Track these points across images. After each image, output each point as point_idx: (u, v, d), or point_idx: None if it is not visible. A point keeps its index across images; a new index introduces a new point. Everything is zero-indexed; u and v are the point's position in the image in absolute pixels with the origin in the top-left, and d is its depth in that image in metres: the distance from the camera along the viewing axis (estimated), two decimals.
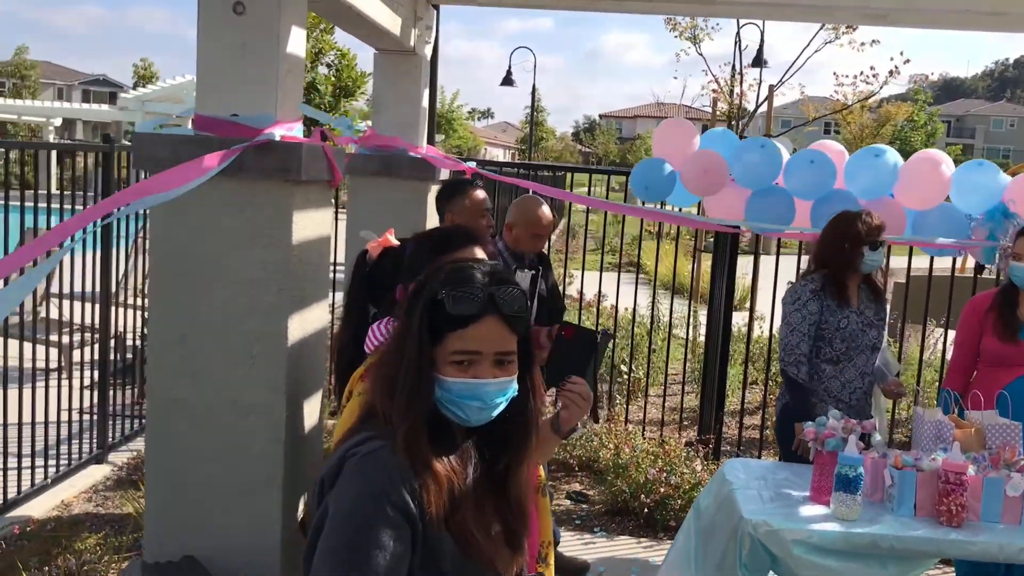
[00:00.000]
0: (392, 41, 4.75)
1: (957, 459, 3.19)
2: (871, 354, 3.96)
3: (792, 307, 3.90)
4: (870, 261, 3.87)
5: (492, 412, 1.66)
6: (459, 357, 1.63)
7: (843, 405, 3.84)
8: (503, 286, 1.66)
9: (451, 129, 41.25)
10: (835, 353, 3.89)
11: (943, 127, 49.58)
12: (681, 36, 11.72)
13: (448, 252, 2.13)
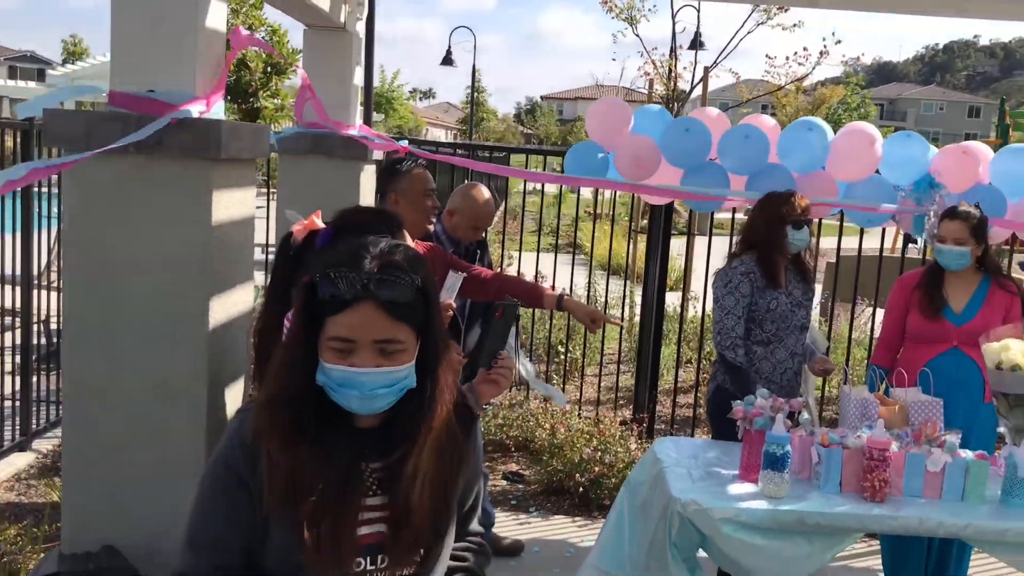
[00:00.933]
0: (321, 17, 4.65)
1: (881, 436, 3.24)
2: (800, 334, 4.01)
3: (724, 290, 3.92)
4: (795, 241, 3.91)
5: (376, 403, 1.60)
6: (335, 344, 1.57)
7: (774, 386, 3.88)
8: (387, 271, 1.58)
9: (392, 109, 40.85)
10: (766, 335, 3.93)
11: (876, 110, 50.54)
12: (618, 17, 11.73)
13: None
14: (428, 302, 1.64)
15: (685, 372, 7.68)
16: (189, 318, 3.01)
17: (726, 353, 3.90)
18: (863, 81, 43.06)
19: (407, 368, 1.61)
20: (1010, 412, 3.37)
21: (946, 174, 4.43)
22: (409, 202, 3.74)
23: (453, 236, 4.17)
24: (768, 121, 4.98)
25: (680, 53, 11.44)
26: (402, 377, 1.61)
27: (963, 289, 3.96)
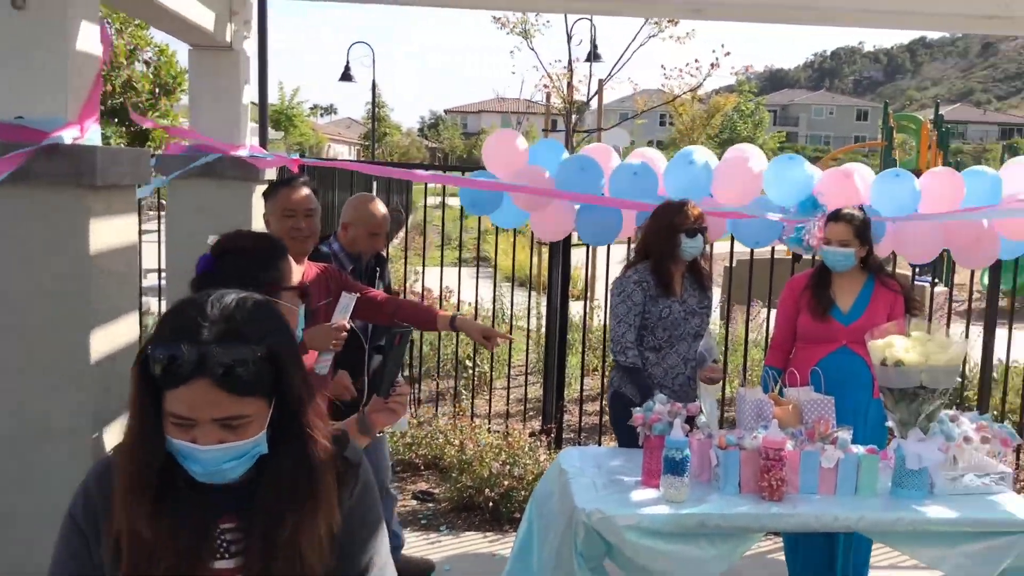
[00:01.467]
0: (206, 37, 4.54)
1: (776, 436, 3.32)
2: (693, 341, 4.08)
3: (618, 299, 3.99)
4: (688, 248, 3.98)
5: (224, 475, 1.51)
6: (174, 420, 1.47)
7: (667, 391, 3.93)
8: (225, 343, 1.44)
9: (292, 126, 40.24)
10: (657, 341, 4.00)
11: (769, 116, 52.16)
12: (512, 32, 11.81)
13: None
14: (279, 364, 1.52)
15: (592, 380, 7.75)
16: (69, 353, 2.88)
17: (619, 358, 3.98)
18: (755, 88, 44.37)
19: (255, 440, 1.51)
20: (896, 406, 3.49)
21: (828, 196, 4.58)
22: (275, 222, 3.66)
23: (351, 251, 4.11)
24: (652, 153, 5.10)
25: (576, 66, 11.61)
26: (250, 448, 1.51)
27: (849, 289, 4.09)
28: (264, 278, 2.01)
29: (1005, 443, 3.55)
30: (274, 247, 2.10)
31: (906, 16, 5.07)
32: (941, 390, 3.45)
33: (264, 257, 2.05)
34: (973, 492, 3.45)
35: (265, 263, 2.04)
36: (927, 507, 3.31)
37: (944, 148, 17.48)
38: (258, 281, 1.99)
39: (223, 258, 2.03)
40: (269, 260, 2.05)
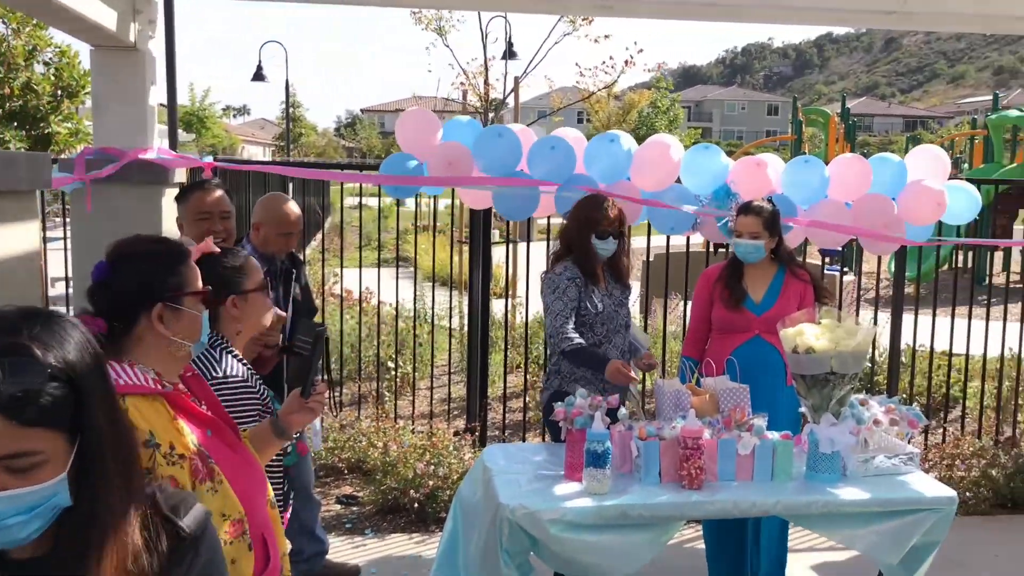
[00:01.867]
0: (108, 37, 4.41)
1: (693, 425, 3.38)
2: (625, 332, 4.11)
3: (552, 296, 3.94)
4: (600, 250, 3.99)
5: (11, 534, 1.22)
6: None
7: (608, 385, 3.94)
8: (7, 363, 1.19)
9: (204, 128, 39.41)
10: (597, 337, 3.97)
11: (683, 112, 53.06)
12: (427, 28, 11.76)
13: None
14: (82, 391, 1.26)
15: (515, 377, 7.77)
16: None
17: (563, 345, 3.88)
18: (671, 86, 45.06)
19: (52, 485, 1.23)
20: (808, 392, 3.58)
21: (741, 184, 4.68)
22: (188, 227, 3.60)
23: (264, 252, 4.04)
24: (574, 133, 5.12)
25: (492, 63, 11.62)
26: (45, 498, 1.23)
27: (761, 280, 4.18)
28: (165, 284, 1.95)
29: (912, 424, 3.68)
30: (173, 251, 2.02)
31: (812, 12, 5.22)
32: (851, 375, 3.55)
33: (164, 262, 1.97)
34: (883, 473, 3.57)
35: (165, 268, 1.97)
36: (840, 489, 3.42)
37: (851, 141, 18.03)
38: (158, 288, 1.94)
39: (119, 264, 1.94)
40: (169, 265, 1.98)
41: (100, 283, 1.93)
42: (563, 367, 4.01)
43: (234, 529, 1.88)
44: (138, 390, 1.85)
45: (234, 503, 1.90)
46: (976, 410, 6.41)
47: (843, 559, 4.73)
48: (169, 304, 1.95)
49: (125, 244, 1.99)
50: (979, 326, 6.52)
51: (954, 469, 5.47)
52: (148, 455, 1.77)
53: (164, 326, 1.93)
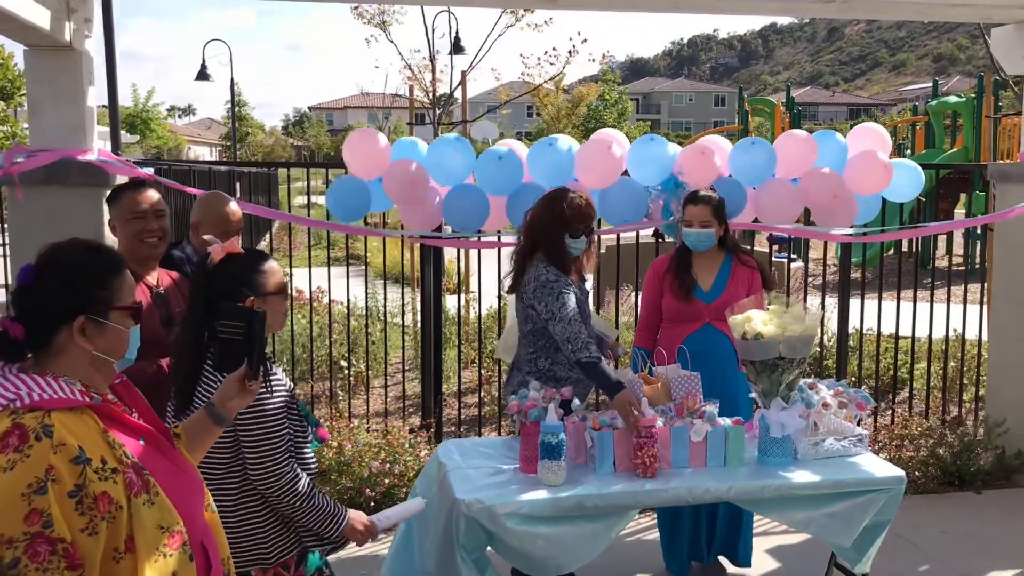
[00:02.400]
0: (42, 36, 4.30)
1: (646, 414, 3.40)
2: (591, 324, 4.09)
3: (557, 303, 3.74)
4: (572, 249, 3.86)
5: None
6: None
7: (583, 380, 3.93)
8: None
9: (148, 129, 38.75)
10: None
11: (632, 105, 53.36)
12: (370, 23, 11.67)
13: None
14: None
15: (470, 373, 7.76)
16: None
17: (582, 355, 3.66)
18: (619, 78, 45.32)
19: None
20: (758, 378, 3.63)
21: (688, 173, 4.71)
22: (121, 227, 3.52)
23: (205, 252, 3.97)
24: (516, 144, 5.14)
25: (438, 58, 11.57)
26: None
27: (709, 268, 4.21)
28: (90, 296, 1.86)
29: (861, 407, 3.74)
30: (106, 261, 1.93)
31: (756, 2, 5.27)
32: (799, 359, 3.60)
33: (93, 272, 1.89)
34: (834, 455, 3.63)
35: (93, 279, 1.88)
36: (792, 473, 3.46)
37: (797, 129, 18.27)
38: (83, 299, 1.86)
39: (47, 270, 1.86)
40: (98, 276, 1.89)
41: (25, 288, 1.85)
42: (540, 365, 3.90)
43: (173, 541, 1.82)
44: (64, 403, 1.77)
45: (172, 514, 1.84)
46: (923, 391, 6.53)
47: (797, 541, 4.79)
48: (92, 317, 1.86)
49: (56, 249, 1.90)
50: (924, 309, 6.66)
51: (903, 449, 5.57)
52: (78, 471, 1.70)
53: (86, 340, 1.85)
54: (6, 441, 1.69)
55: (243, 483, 2.63)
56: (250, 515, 2.65)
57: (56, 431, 1.72)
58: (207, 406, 2.23)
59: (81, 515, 1.69)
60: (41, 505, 1.65)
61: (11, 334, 1.80)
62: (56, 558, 1.66)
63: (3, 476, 1.66)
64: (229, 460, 2.62)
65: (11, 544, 1.63)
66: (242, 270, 2.65)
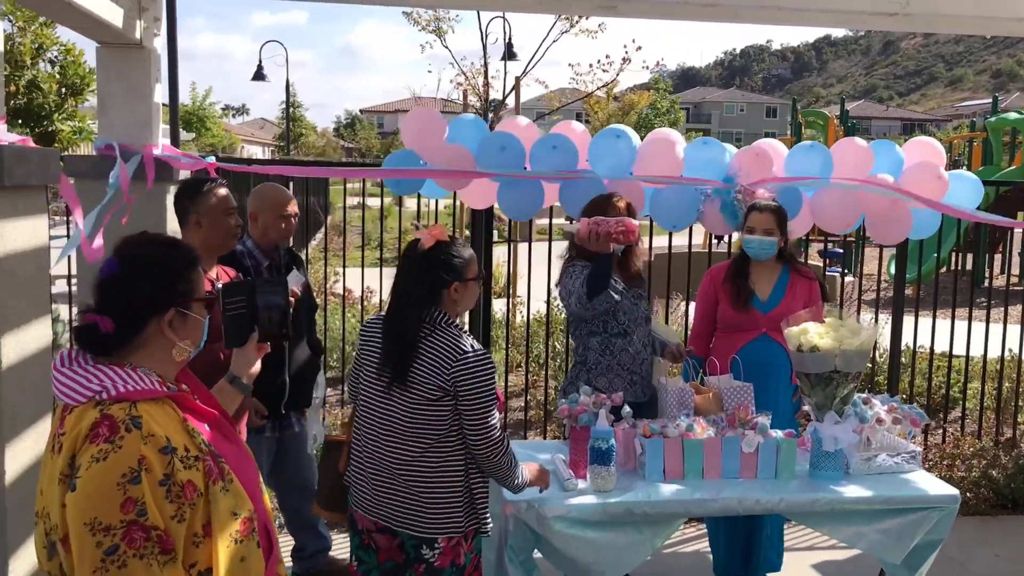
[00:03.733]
0: (114, 34, 4.41)
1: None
2: (646, 325, 4.09)
3: (570, 279, 3.89)
4: (617, 247, 3.91)
5: None
6: None
7: (636, 377, 3.95)
8: None
9: (204, 127, 39.40)
10: (620, 326, 3.93)
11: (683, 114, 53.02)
12: (425, 29, 11.75)
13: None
14: None
15: (516, 376, 7.78)
16: None
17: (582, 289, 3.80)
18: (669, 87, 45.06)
19: None
20: (812, 391, 3.60)
21: (746, 169, 4.67)
22: (212, 222, 3.61)
23: (264, 244, 4.04)
24: (577, 128, 5.11)
25: (491, 63, 11.62)
26: None
27: (767, 278, 4.19)
28: (177, 290, 1.94)
29: (915, 423, 3.70)
30: (185, 256, 2.01)
31: (814, 13, 5.22)
32: (854, 374, 3.57)
33: (177, 267, 1.96)
34: (886, 471, 3.59)
35: (178, 274, 1.95)
36: (843, 487, 3.43)
37: None
38: (171, 293, 1.93)
39: (133, 266, 1.91)
40: (182, 270, 1.97)
41: (111, 283, 1.90)
42: (589, 358, 3.97)
43: (244, 527, 1.88)
44: (148, 394, 1.83)
45: (244, 500, 1.90)
46: (976, 411, 6.42)
47: (843, 558, 4.74)
48: (180, 309, 1.94)
49: (136, 244, 1.96)
50: (979, 328, 6.54)
51: (954, 469, 5.49)
52: (166, 461, 1.76)
53: (172, 331, 1.93)
54: (96, 432, 1.74)
55: (448, 455, 2.86)
56: (450, 487, 2.87)
57: (144, 422, 1.77)
58: (230, 379, 2.33)
59: (170, 503, 1.75)
60: (135, 494, 1.71)
61: (102, 328, 1.86)
62: (151, 544, 1.72)
63: (97, 466, 1.72)
64: (444, 431, 2.85)
65: (109, 532, 1.69)
66: (451, 256, 2.93)
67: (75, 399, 1.81)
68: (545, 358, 6.87)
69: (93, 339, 1.87)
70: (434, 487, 2.85)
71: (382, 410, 2.90)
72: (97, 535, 1.69)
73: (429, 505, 2.84)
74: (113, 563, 1.69)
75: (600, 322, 3.94)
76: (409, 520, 2.86)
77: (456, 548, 2.90)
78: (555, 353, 7.60)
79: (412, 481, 2.85)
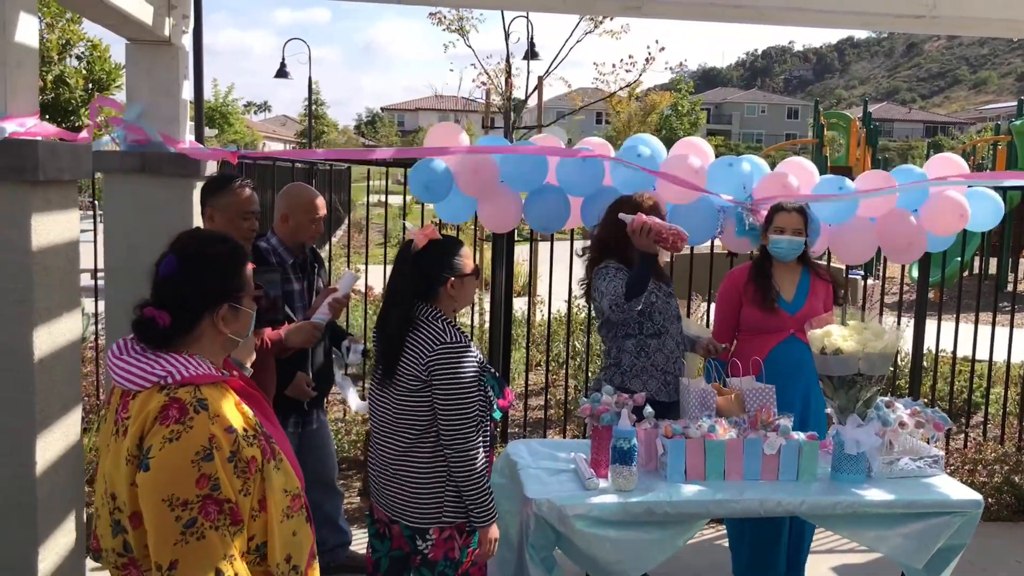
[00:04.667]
0: (143, 30, 4.45)
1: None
2: (678, 323, 4.11)
3: (604, 281, 3.87)
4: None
5: None
6: None
7: (670, 376, 3.97)
8: None
9: (226, 123, 39.59)
10: (656, 327, 3.96)
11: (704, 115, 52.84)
12: (448, 28, 11.77)
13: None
14: None
15: (536, 375, 7.80)
16: (10, 352, 2.82)
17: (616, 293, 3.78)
18: (691, 88, 44.89)
19: None
20: (835, 393, 3.59)
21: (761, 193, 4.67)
22: (226, 219, 3.65)
23: (291, 244, 4.07)
24: (598, 141, 5.12)
25: (514, 62, 11.62)
26: None
27: (789, 280, 4.19)
28: (230, 286, 2.02)
29: (938, 427, 3.68)
30: (236, 252, 2.08)
31: (840, 15, 5.20)
32: (877, 377, 3.56)
33: (231, 264, 2.05)
34: (909, 475, 3.58)
35: (232, 271, 2.05)
36: (865, 491, 3.43)
37: (872, 145, 17.94)
38: (226, 289, 2.02)
39: (190, 263, 1.99)
40: (235, 267, 2.06)
41: (169, 280, 1.98)
42: (623, 360, 3.98)
43: (294, 503, 1.99)
44: (210, 379, 1.94)
45: (293, 478, 2.01)
46: (998, 416, 6.38)
47: (863, 561, 4.73)
48: (232, 304, 2.04)
49: (193, 242, 2.04)
50: (1002, 332, 6.50)
51: (975, 474, 5.46)
52: (232, 439, 1.87)
53: (224, 324, 2.02)
54: (166, 414, 1.85)
55: (437, 447, 2.93)
56: (438, 479, 2.94)
57: (209, 403, 1.88)
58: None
59: (238, 478, 1.87)
60: (209, 470, 1.82)
61: (159, 322, 1.95)
62: (223, 516, 1.84)
63: (170, 446, 1.82)
64: (428, 423, 2.92)
65: (187, 506, 1.81)
66: (443, 254, 3.00)
67: (140, 384, 1.91)
68: (565, 357, 6.88)
69: (151, 332, 1.97)
70: (422, 478, 2.94)
71: (378, 404, 3.04)
72: (176, 510, 1.80)
73: (418, 496, 2.94)
74: (192, 535, 1.80)
75: (636, 323, 3.95)
76: (402, 510, 2.97)
77: (449, 541, 2.98)
78: (575, 352, 7.61)
79: (403, 472, 2.96)
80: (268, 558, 1.95)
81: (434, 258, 2.99)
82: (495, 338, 6.17)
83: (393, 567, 3.15)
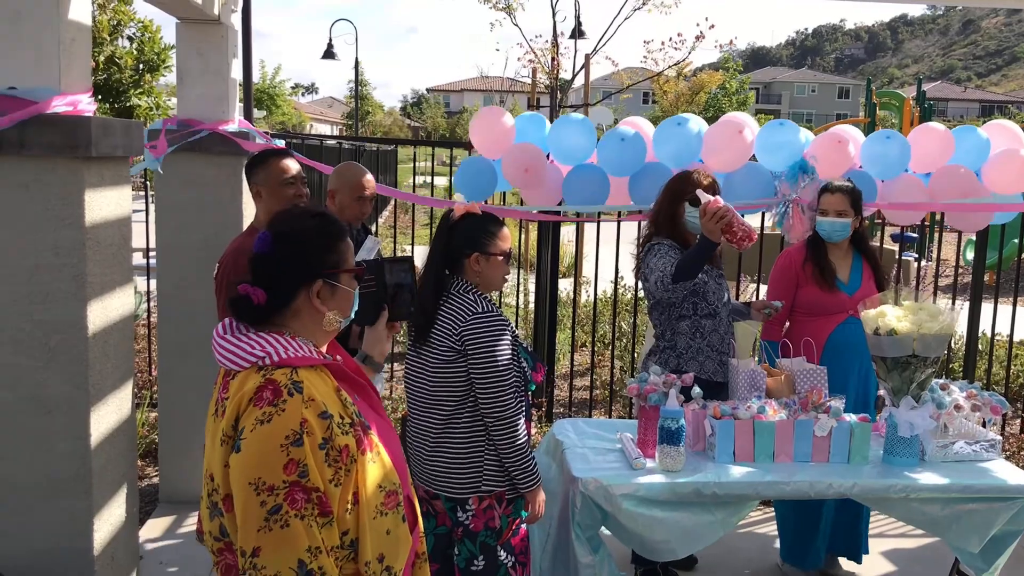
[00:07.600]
0: (194, 10, 4.49)
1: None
2: (729, 305, 4.08)
3: (655, 257, 3.86)
4: (691, 218, 3.89)
5: None
6: None
7: (725, 357, 3.93)
8: None
9: (274, 105, 39.90)
10: (710, 307, 3.93)
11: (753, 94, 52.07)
12: (495, 7, 11.68)
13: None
14: None
15: (580, 356, 7.77)
16: (66, 325, 2.87)
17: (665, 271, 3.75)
18: (740, 66, 44.23)
19: None
20: (888, 375, 3.52)
21: (821, 160, 4.58)
22: (269, 192, 3.67)
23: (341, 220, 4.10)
24: (642, 122, 5.07)
25: (561, 41, 11.52)
26: None
27: (843, 260, 4.11)
28: (323, 261, 1.97)
29: (995, 411, 3.60)
30: (333, 227, 2.02)
31: None
32: (932, 358, 3.48)
33: (324, 239, 1.99)
34: (964, 459, 3.50)
35: (325, 246, 1.98)
36: (919, 474, 3.36)
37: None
38: (318, 264, 1.96)
39: (282, 238, 1.94)
40: (329, 242, 1.99)
41: (262, 256, 1.94)
42: (679, 343, 3.95)
43: (389, 500, 1.91)
44: (308, 361, 1.87)
45: (391, 473, 1.93)
46: None
47: (915, 546, 4.65)
48: (327, 281, 1.97)
49: (288, 217, 2.00)
50: None
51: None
52: (325, 425, 1.79)
53: (320, 301, 1.96)
54: (260, 395, 1.78)
55: (475, 417, 2.94)
56: (475, 448, 2.95)
57: (305, 387, 1.81)
58: (363, 358, 2.35)
59: (329, 466, 1.79)
60: (298, 456, 1.74)
61: (254, 299, 1.90)
62: (311, 505, 1.75)
63: (261, 428, 1.76)
64: (463, 394, 2.93)
65: (272, 491, 1.73)
66: (475, 230, 2.99)
67: (239, 364, 1.85)
68: (612, 338, 6.85)
69: (247, 310, 1.92)
70: (463, 449, 2.95)
71: (415, 377, 3.05)
72: (261, 494, 1.73)
73: (458, 466, 2.95)
74: (276, 522, 1.73)
75: (690, 304, 3.91)
76: (442, 482, 2.98)
77: (489, 511, 2.98)
78: (621, 333, 7.57)
79: (444, 443, 2.97)
80: (359, 556, 1.87)
81: (464, 232, 3.00)
82: (541, 319, 6.17)
83: (438, 544, 3.14)
